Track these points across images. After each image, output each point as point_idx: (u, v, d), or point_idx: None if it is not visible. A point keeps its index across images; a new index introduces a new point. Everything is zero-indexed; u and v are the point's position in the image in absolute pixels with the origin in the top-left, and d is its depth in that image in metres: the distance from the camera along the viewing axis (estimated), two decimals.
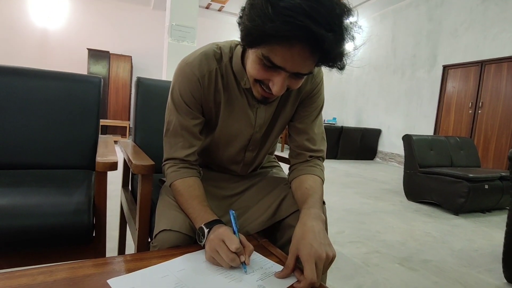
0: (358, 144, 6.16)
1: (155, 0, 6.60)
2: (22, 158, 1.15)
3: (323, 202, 0.74)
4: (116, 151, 1.01)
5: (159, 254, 0.62)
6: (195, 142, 0.76)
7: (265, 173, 0.92)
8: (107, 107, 6.24)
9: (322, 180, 0.77)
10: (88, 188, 0.91)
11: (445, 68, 4.88)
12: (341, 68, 0.56)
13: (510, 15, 4.17)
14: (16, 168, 1.10)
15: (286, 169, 0.90)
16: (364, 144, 6.21)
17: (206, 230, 0.61)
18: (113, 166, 0.80)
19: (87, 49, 6.07)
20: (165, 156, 0.77)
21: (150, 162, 0.79)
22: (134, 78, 6.53)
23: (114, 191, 1.40)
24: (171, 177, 0.74)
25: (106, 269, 0.56)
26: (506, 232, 1.50)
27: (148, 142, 1.18)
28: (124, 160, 1.11)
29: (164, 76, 3.93)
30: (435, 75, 5.15)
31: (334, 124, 6.75)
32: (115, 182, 1.38)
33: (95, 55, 6.10)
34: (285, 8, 0.47)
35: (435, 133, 4.99)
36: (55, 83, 1.23)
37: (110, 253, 0.98)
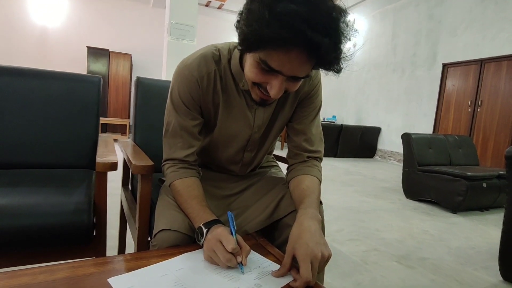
0: (358, 142, 6.17)
1: None
2: (23, 158, 1.16)
3: (320, 202, 0.75)
4: (116, 150, 1.02)
5: (159, 253, 0.63)
6: (194, 142, 0.77)
7: (263, 173, 0.93)
8: (107, 105, 6.24)
9: (320, 181, 0.78)
10: (88, 187, 0.92)
11: (445, 66, 4.88)
12: (338, 71, 0.57)
13: (510, 14, 4.16)
14: (17, 167, 1.11)
15: (284, 168, 0.91)
16: (363, 142, 6.22)
17: (205, 230, 0.62)
18: (113, 166, 0.81)
19: (87, 47, 6.06)
20: (164, 157, 0.78)
21: (149, 162, 0.80)
22: (134, 76, 6.49)
23: (114, 189, 1.41)
24: (171, 177, 0.75)
25: (106, 268, 0.57)
26: (503, 231, 1.51)
27: (148, 141, 1.19)
28: (124, 160, 1.12)
29: (164, 74, 3.92)
30: (434, 73, 5.15)
31: (334, 122, 6.76)
32: (116, 180, 1.39)
33: (95, 53, 6.09)
34: (281, 14, 0.48)
35: (434, 132, 5.00)
36: (55, 83, 1.24)
37: (110, 251, 0.99)
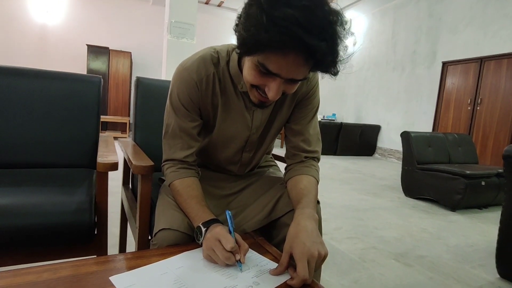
0: (358, 140, 6.18)
1: None
2: (24, 157, 1.17)
3: (318, 202, 0.76)
4: (116, 150, 1.03)
5: (159, 252, 0.65)
6: (193, 143, 0.78)
7: (262, 172, 0.94)
8: (107, 103, 6.24)
9: (317, 180, 0.79)
10: (90, 187, 0.93)
11: (445, 64, 4.88)
12: (335, 74, 0.58)
13: (510, 11, 4.16)
14: (19, 167, 1.12)
15: (283, 168, 0.93)
16: (363, 140, 6.23)
17: (204, 229, 0.63)
18: (114, 166, 0.82)
19: (87, 45, 6.05)
20: (164, 157, 0.80)
21: (149, 162, 0.81)
22: (134, 74, 6.45)
23: (114, 188, 1.43)
24: (170, 177, 0.76)
25: (108, 267, 0.59)
26: (500, 229, 1.53)
27: (148, 141, 1.20)
28: (125, 159, 1.13)
29: (164, 72, 3.93)
30: (434, 71, 5.15)
31: (334, 120, 6.76)
32: (116, 178, 1.40)
33: (95, 51, 6.09)
34: (279, 18, 0.49)
35: (434, 130, 5.01)
36: (55, 83, 1.25)
37: (111, 249, 1.01)
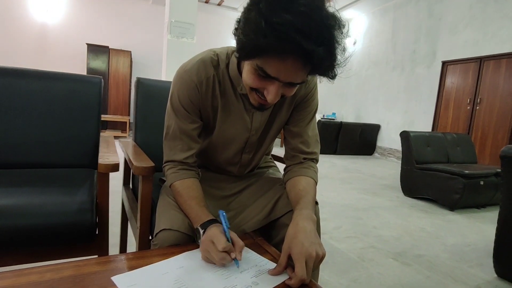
0: (357, 140, 6.19)
1: None
2: (26, 158, 1.18)
3: (316, 203, 0.77)
4: (117, 150, 1.04)
5: (160, 252, 0.66)
6: (194, 145, 0.79)
7: (261, 173, 0.95)
8: (107, 103, 6.24)
9: (315, 181, 0.81)
10: (91, 187, 0.94)
11: (444, 64, 4.89)
12: (332, 77, 0.59)
13: (510, 12, 4.16)
14: (20, 167, 1.13)
15: (282, 168, 0.94)
16: (363, 140, 6.24)
17: (201, 231, 0.65)
18: (115, 167, 0.83)
19: (87, 44, 6.05)
20: (164, 159, 0.81)
21: (150, 163, 0.82)
22: (134, 73, 6.42)
23: (115, 187, 1.43)
24: (171, 178, 0.77)
25: (110, 267, 0.60)
26: (497, 228, 1.54)
27: (149, 141, 1.21)
28: (125, 159, 1.14)
29: (164, 72, 3.93)
30: (434, 71, 5.16)
31: (334, 119, 6.77)
32: (117, 177, 1.41)
33: (95, 50, 6.08)
34: (277, 24, 0.49)
35: (433, 129, 5.02)
36: (56, 83, 1.26)
37: (112, 248, 1.02)
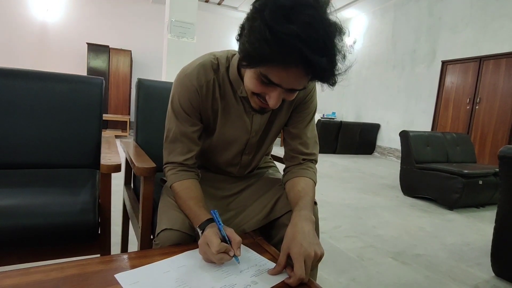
0: (357, 139, 6.20)
1: None
2: (28, 158, 1.19)
3: (315, 203, 0.79)
4: (118, 150, 1.05)
5: (161, 251, 0.67)
6: (194, 147, 0.80)
7: (261, 174, 0.97)
8: (108, 102, 6.25)
9: (314, 182, 0.82)
10: (93, 187, 0.95)
11: (444, 63, 4.89)
12: (333, 84, 0.60)
13: (509, 11, 4.16)
14: (23, 167, 1.15)
15: (281, 168, 0.95)
16: (363, 139, 6.26)
17: (200, 232, 0.66)
18: (117, 168, 0.85)
19: (87, 43, 6.06)
20: (164, 160, 0.82)
21: (152, 164, 0.83)
22: (134, 72, 6.42)
23: (116, 186, 1.45)
24: (171, 179, 0.78)
25: (112, 266, 0.61)
26: (495, 228, 1.56)
27: (150, 142, 1.22)
28: (126, 159, 1.15)
29: (164, 72, 3.94)
30: (434, 70, 5.16)
31: (334, 118, 6.78)
32: (118, 177, 1.42)
33: (95, 49, 6.09)
34: (282, 34, 0.51)
35: (433, 129, 5.03)
36: (58, 84, 1.27)
37: (113, 247, 1.03)
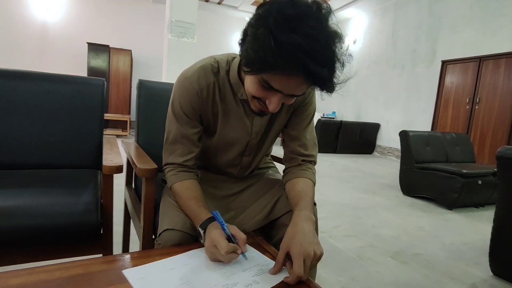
0: (357, 138, 6.21)
1: None
2: (31, 158, 1.20)
3: (314, 203, 0.80)
4: (120, 151, 1.07)
5: (163, 251, 0.68)
6: (194, 148, 0.81)
7: (261, 174, 0.98)
8: (108, 101, 6.26)
9: (314, 183, 0.83)
10: (95, 188, 0.97)
11: (444, 63, 4.90)
12: (331, 92, 0.62)
13: (509, 11, 4.17)
14: (26, 168, 1.16)
15: (281, 169, 0.96)
16: (363, 139, 6.27)
17: (202, 231, 0.68)
18: (119, 169, 0.86)
19: (87, 43, 6.07)
20: (164, 161, 0.83)
21: (153, 165, 0.85)
22: (134, 72, 6.43)
23: (118, 186, 1.46)
24: (171, 180, 0.80)
25: (116, 265, 0.62)
26: (493, 228, 1.57)
27: (151, 143, 1.23)
28: (127, 160, 1.16)
29: (164, 72, 3.95)
30: (434, 70, 5.17)
31: (334, 118, 6.79)
32: (119, 176, 1.43)
33: (95, 49, 6.10)
34: (286, 44, 0.52)
35: (432, 128, 5.04)
36: (60, 85, 1.28)
37: (115, 247, 1.04)
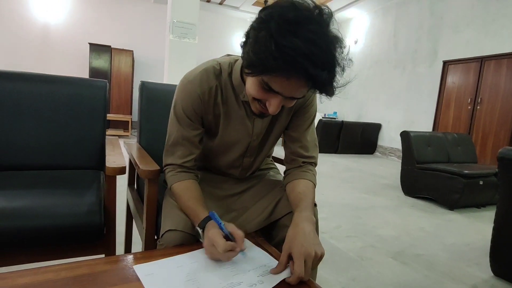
0: (359, 139, 6.21)
1: None
2: (34, 160, 1.22)
3: (315, 204, 0.81)
4: (122, 152, 1.08)
5: (166, 252, 0.69)
6: (194, 150, 0.82)
7: (262, 175, 0.99)
8: (110, 102, 6.29)
9: (314, 184, 0.84)
10: (98, 189, 0.98)
11: (445, 63, 4.89)
12: (331, 95, 0.63)
13: (511, 11, 4.16)
14: (29, 169, 1.17)
15: (282, 169, 0.97)
16: (364, 139, 6.27)
17: (200, 231, 0.69)
18: (122, 170, 0.87)
19: (89, 43, 6.10)
20: (164, 162, 0.84)
21: (156, 167, 0.86)
22: (136, 72, 6.45)
23: (120, 186, 1.47)
24: (170, 180, 0.81)
25: (120, 265, 0.63)
26: (494, 228, 1.57)
27: (153, 144, 1.24)
28: (130, 161, 1.17)
29: (166, 72, 3.96)
30: (435, 70, 5.17)
31: (335, 118, 6.78)
32: (121, 177, 1.44)
33: (97, 49, 6.13)
34: (287, 48, 0.53)
35: (434, 129, 5.04)
36: (63, 87, 1.29)
37: (118, 246, 1.06)
